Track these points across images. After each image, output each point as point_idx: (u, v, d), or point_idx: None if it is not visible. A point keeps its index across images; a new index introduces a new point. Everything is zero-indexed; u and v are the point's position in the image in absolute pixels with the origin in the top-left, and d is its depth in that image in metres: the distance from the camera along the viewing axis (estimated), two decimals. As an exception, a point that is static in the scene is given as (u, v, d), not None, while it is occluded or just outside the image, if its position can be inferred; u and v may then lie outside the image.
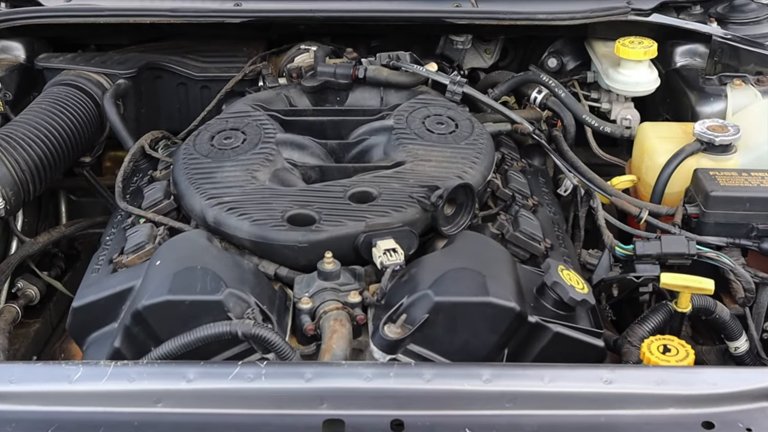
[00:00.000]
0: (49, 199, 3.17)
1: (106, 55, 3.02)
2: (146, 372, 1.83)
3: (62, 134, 2.65)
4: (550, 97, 2.88)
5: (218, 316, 1.97)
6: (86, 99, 2.81)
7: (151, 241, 2.25)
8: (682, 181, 2.51)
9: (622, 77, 2.90)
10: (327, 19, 2.91)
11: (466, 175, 2.31)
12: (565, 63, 3.26)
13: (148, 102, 3.02)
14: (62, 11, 2.87)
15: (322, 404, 1.78)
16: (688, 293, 2.17)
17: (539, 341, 2.05)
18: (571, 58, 3.27)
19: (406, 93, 2.70)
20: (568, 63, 3.27)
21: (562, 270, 2.11)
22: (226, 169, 2.33)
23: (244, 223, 2.16)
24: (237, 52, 3.08)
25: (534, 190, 2.59)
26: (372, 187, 2.25)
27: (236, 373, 1.82)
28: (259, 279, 2.10)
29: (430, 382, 1.80)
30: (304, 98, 2.72)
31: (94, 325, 2.16)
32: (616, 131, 2.85)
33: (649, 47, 2.84)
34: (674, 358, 2.03)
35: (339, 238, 2.13)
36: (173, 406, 1.79)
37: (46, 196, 3.15)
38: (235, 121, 2.51)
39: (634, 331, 2.21)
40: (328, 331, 2.00)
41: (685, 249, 2.26)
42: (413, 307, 1.99)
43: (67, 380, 1.81)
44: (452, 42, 3.12)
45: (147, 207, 2.40)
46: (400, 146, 2.42)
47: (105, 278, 2.22)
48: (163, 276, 2.04)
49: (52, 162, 2.60)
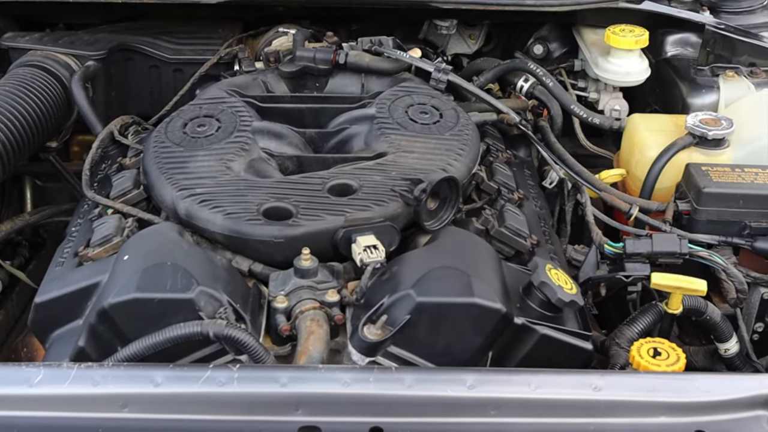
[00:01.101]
0: (13, 185, 3.05)
1: (75, 35, 2.89)
2: (112, 375, 1.73)
3: (27, 118, 2.52)
4: (537, 86, 2.79)
5: (189, 316, 1.87)
6: (53, 81, 2.68)
7: (118, 234, 2.14)
8: (673, 176, 2.43)
9: (611, 66, 2.80)
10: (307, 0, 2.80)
11: (451, 168, 2.21)
12: (551, 50, 3.17)
13: (119, 85, 2.90)
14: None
15: (297, 410, 1.70)
16: (679, 294, 2.09)
17: (525, 344, 1.97)
18: (557, 45, 3.18)
19: (389, 80, 2.59)
20: (555, 50, 3.17)
21: (550, 269, 2.02)
22: (199, 159, 2.21)
23: (217, 217, 2.05)
24: (212, 34, 2.96)
25: (519, 183, 2.50)
26: (352, 179, 2.15)
27: (207, 377, 1.72)
28: (233, 276, 2.00)
29: (411, 388, 1.72)
30: (281, 84, 2.61)
31: (58, 322, 2.05)
32: (605, 122, 2.76)
33: (640, 36, 2.75)
34: (665, 362, 1.95)
35: (317, 233, 2.03)
36: (140, 412, 1.70)
37: (9, 182, 3.02)
38: (209, 107, 2.39)
39: (622, 332, 2.13)
40: (305, 332, 1.90)
41: (677, 248, 2.17)
42: (394, 307, 1.89)
43: (28, 383, 1.71)
44: (436, 27, 3.01)
45: (115, 197, 2.28)
46: (382, 136, 2.32)
47: (70, 273, 2.11)
48: (131, 272, 1.93)
49: (15, 147, 2.47)
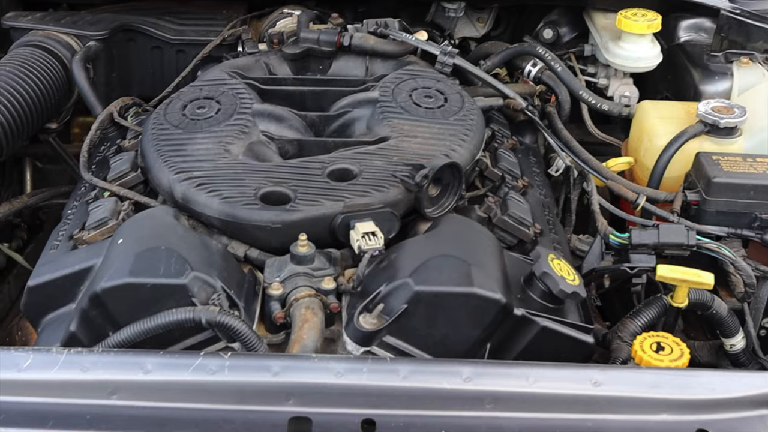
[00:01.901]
0: (13, 166, 3.02)
1: (78, 15, 2.85)
2: (101, 361, 1.70)
3: (26, 99, 2.49)
4: (545, 71, 2.73)
5: (182, 301, 1.83)
6: (53, 62, 2.64)
7: (114, 217, 2.11)
8: (683, 165, 2.37)
9: (622, 51, 2.74)
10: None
11: (454, 154, 2.16)
12: (561, 34, 3.10)
13: (121, 66, 2.86)
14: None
15: (288, 400, 1.65)
16: (685, 287, 2.03)
17: (525, 335, 1.92)
18: (567, 30, 3.11)
19: (394, 63, 2.53)
20: (565, 34, 3.11)
21: (553, 259, 1.97)
22: (197, 142, 2.17)
23: (214, 201, 2.01)
24: (216, 15, 2.92)
25: (524, 170, 2.45)
26: (353, 164, 2.10)
27: (198, 364, 1.68)
28: (228, 262, 1.96)
29: (405, 380, 1.67)
30: (284, 66, 2.56)
31: (51, 306, 2.02)
32: (614, 109, 2.70)
33: (652, 20, 2.68)
34: (668, 358, 1.90)
35: (315, 219, 1.98)
36: (129, 399, 1.66)
37: (10, 163, 2.99)
38: (209, 89, 2.35)
39: (625, 325, 2.07)
40: (299, 321, 1.86)
41: (685, 239, 2.12)
42: (391, 296, 1.85)
43: (16, 368, 1.68)
44: (444, 9, 2.96)
45: (112, 179, 2.25)
46: (385, 120, 2.27)
47: (64, 256, 2.08)
48: (125, 256, 1.89)
49: (14, 128, 2.44)
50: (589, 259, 2.27)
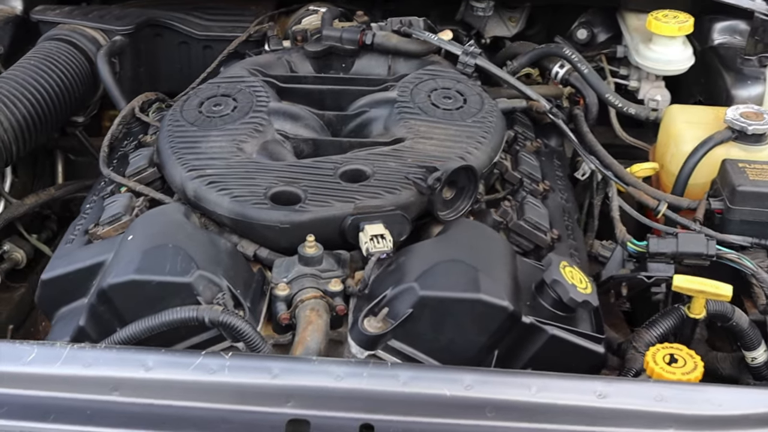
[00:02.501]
0: (45, 159, 3.05)
1: (105, 10, 2.87)
2: (103, 357, 1.71)
3: (50, 92, 2.51)
4: (572, 72, 2.68)
5: (187, 300, 1.84)
6: (79, 56, 2.66)
7: (128, 213, 2.12)
8: (709, 171, 2.31)
9: (653, 54, 2.68)
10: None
11: (470, 157, 2.13)
12: (595, 34, 3.06)
13: (148, 61, 2.88)
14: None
15: (287, 402, 1.64)
16: (702, 298, 1.98)
17: (533, 344, 1.89)
18: (602, 30, 3.07)
19: (416, 62, 2.51)
20: (599, 35, 3.06)
21: (565, 267, 1.93)
22: (211, 139, 2.17)
23: (224, 199, 2.01)
24: (244, 11, 2.92)
25: (547, 174, 2.41)
26: (366, 165, 2.09)
27: (198, 363, 1.68)
28: (236, 261, 1.95)
29: (405, 385, 1.65)
30: (306, 64, 2.55)
31: (63, 300, 2.04)
32: (641, 113, 2.65)
33: (684, 22, 2.62)
34: (680, 370, 1.85)
35: (324, 220, 1.97)
36: (130, 396, 1.66)
37: (42, 156, 3.03)
38: (227, 86, 2.35)
39: (640, 335, 2.03)
40: (303, 322, 1.85)
41: (704, 249, 2.07)
42: (397, 300, 1.83)
43: (20, 361, 1.69)
44: (472, 8, 2.92)
45: (130, 174, 2.26)
46: (402, 121, 2.24)
47: (77, 250, 2.09)
48: (133, 253, 1.90)
49: (37, 121, 2.47)
50: (610, 266, 2.23)
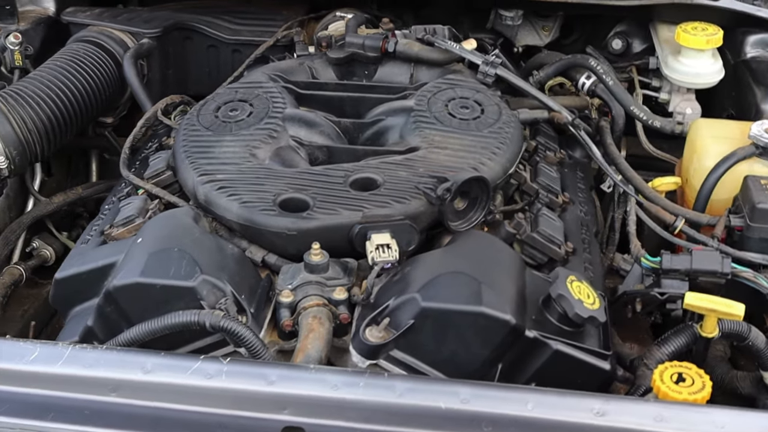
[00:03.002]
0: (80, 158, 3.10)
1: (135, 12, 2.90)
2: (104, 358, 1.72)
3: (75, 93, 2.55)
4: (599, 83, 2.64)
5: (190, 304, 1.85)
6: (106, 58, 2.70)
7: (141, 215, 2.13)
8: (732, 187, 2.26)
9: (681, 66, 2.64)
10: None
11: (483, 167, 2.11)
12: (631, 45, 3.02)
13: (177, 64, 2.90)
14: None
15: (284, 410, 1.64)
16: (714, 317, 1.94)
17: (537, 358, 1.87)
18: (638, 41, 3.03)
19: (438, 71, 2.49)
20: (635, 45, 3.02)
21: (572, 281, 1.90)
22: (225, 144, 2.18)
23: (233, 204, 2.02)
24: (275, 16, 2.93)
25: (568, 186, 2.38)
26: (377, 173, 2.08)
27: (196, 368, 1.69)
28: (242, 266, 1.96)
29: (401, 397, 1.64)
30: (329, 70, 2.54)
31: (77, 299, 2.07)
32: (666, 126, 2.60)
33: (713, 35, 2.57)
34: (687, 390, 1.81)
35: (331, 228, 1.96)
36: (128, 397, 1.68)
37: (76, 155, 3.08)
38: (245, 91, 2.35)
39: (651, 353, 2.00)
40: (305, 330, 1.85)
41: (719, 267, 2.03)
42: (399, 310, 1.83)
43: (22, 360, 1.71)
44: (501, 17, 2.90)
45: (149, 177, 2.27)
46: (417, 130, 2.23)
47: (91, 251, 2.12)
48: (139, 256, 1.93)
49: (62, 122, 2.51)
50: (628, 281, 2.20)
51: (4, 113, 2.38)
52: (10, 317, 2.63)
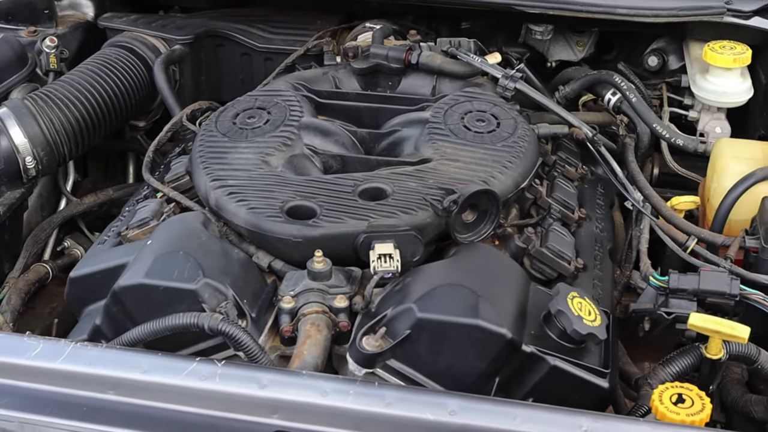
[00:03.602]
0: (117, 161, 3.17)
1: (169, 19, 2.96)
2: (103, 357, 1.76)
3: (105, 97, 2.62)
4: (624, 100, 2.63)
5: (192, 306, 1.89)
6: (137, 62, 2.76)
7: (156, 218, 2.18)
8: (751, 209, 2.23)
9: (708, 85, 2.60)
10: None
11: (493, 181, 2.11)
12: (667, 62, 2.98)
13: (209, 70, 2.95)
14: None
15: (274, 414, 1.67)
16: (718, 339, 1.92)
17: (535, 373, 1.87)
18: (674, 58, 2.98)
19: (460, 83, 2.49)
20: (671, 63, 2.98)
21: (573, 298, 1.90)
22: (239, 151, 2.21)
23: (242, 210, 2.04)
24: (309, 25, 2.96)
25: (587, 202, 2.37)
26: (386, 183, 2.09)
27: (191, 369, 1.72)
28: (247, 271, 1.99)
29: (390, 407, 1.65)
30: (353, 80, 2.56)
31: (90, 298, 2.12)
32: (689, 145, 2.57)
33: (740, 54, 2.54)
34: (685, 411, 1.79)
35: (336, 237, 1.98)
36: (125, 395, 1.72)
37: (114, 158, 3.15)
38: (264, 99, 2.39)
39: (656, 372, 1.99)
40: (302, 336, 1.87)
41: (727, 288, 2.00)
42: (396, 320, 1.84)
43: (25, 355, 1.76)
44: (531, 31, 2.89)
45: (169, 181, 2.32)
46: (430, 142, 2.24)
47: (106, 251, 2.17)
48: (146, 258, 1.97)
49: (90, 124, 2.58)
50: (642, 299, 2.18)
51: (33, 115, 2.45)
52: (39, 314, 2.69)
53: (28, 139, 2.43)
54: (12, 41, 2.71)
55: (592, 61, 3.11)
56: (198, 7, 3.13)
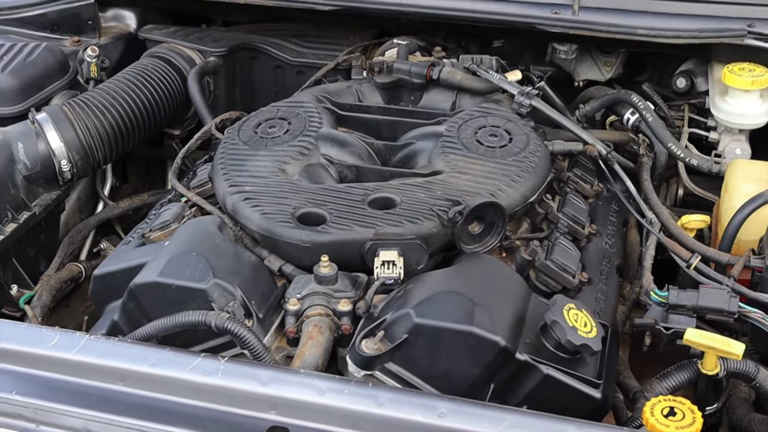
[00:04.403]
0: (157, 168, 3.29)
1: (205, 32, 3.08)
2: (114, 350, 1.86)
3: (140, 104, 2.74)
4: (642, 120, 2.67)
5: (202, 305, 1.99)
6: (173, 73, 2.89)
7: (177, 221, 2.28)
8: (761, 229, 2.25)
9: (727, 106, 2.63)
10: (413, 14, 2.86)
11: (500, 194, 2.17)
12: (695, 84, 3.00)
13: (243, 82, 3.06)
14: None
15: (272, 410, 1.75)
16: (713, 354, 1.95)
17: (528, 381, 1.92)
18: (702, 80, 3.01)
19: (479, 99, 2.56)
20: (699, 85, 3.01)
21: (570, 309, 1.94)
22: (258, 158, 2.31)
23: (255, 215, 2.14)
24: (341, 41, 3.05)
25: (598, 218, 2.41)
26: (396, 194, 2.16)
27: (195, 364, 1.82)
28: (257, 274, 2.08)
29: (382, 407, 1.73)
30: (376, 94, 2.64)
31: (112, 295, 2.22)
32: (704, 165, 2.60)
33: (759, 76, 2.56)
34: (676, 424, 1.81)
35: (344, 243, 2.06)
36: (133, 387, 1.82)
37: (154, 165, 3.27)
38: (285, 110, 2.48)
39: (652, 386, 2.03)
40: (305, 337, 1.95)
41: (725, 305, 2.02)
42: (394, 324, 1.91)
43: (43, 345, 1.87)
44: (556, 50, 2.95)
45: (194, 186, 2.43)
46: (443, 155, 2.31)
47: (129, 251, 2.28)
48: (162, 258, 2.07)
49: (125, 130, 2.70)
50: (649, 314, 2.21)
51: (70, 120, 2.58)
52: (73, 312, 2.82)
53: (64, 143, 2.56)
54: (55, 50, 2.85)
55: (623, 82, 3.14)
56: (239, 21, 3.24)
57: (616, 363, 2.16)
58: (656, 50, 2.91)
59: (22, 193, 2.53)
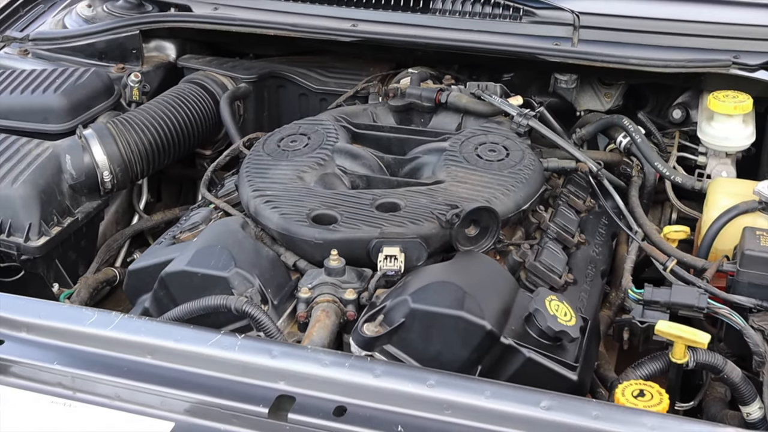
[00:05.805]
0: (189, 188, 3.55)
1: (238, 62, 3.35)
2: (145, 327, 2.08)
3: (176, 124, 3.00)
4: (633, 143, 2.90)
5: (224, 291, 2.22)
6: (207, 97, 3.15)
7: (205, 223, 2.53)
8: (736, 239, 2.45)
9: (712, 131, 2.85)
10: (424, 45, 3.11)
11: (495, 201, 2.40)
12: (690, 115, 3.21)
13: (271, 107, 3.32)
14: (198, 18, 3.25)
15: (281, 380, 1.95)
16: (682, 344, 2.15)
17: (512, 364, 2.12)
18: (697, 112, 3.22)
19: (483, 121, 2.80)
20: (693, 116, 3.21)
21: (551, 300, 2.16)
22: (279, 168, 2.56)
23: (274, 215, 2.38)
24: (362, 71, 3.30)
25: (587, 229, 2.63)
26: (401, 199, 2.40)
27: (215, 340, 2.03)
28: (274, 267, 2.32)
29: (378, 378, 1.93)
30: (389, 116, 2.90)
31: (144, 288, 2.44)
32: (687, 182, 2.81)
33: (741, 102, 2.78)
34: (643, 403, 2.01)
35: (352, 241, 2.30)
36: (160, 360, 2.02)
37: (186, 185, 3.53)
38: (306, 126, 2.75)
39: (626, 374, 2.22)
40: (313, 320, 2.18)
41: (695, 301, 2.23)
42: (393, 310, 2.13)
43: (81, 323, 2.09)
44: (557, 80, 3.19)
45: (221, 195, 2.68)
46: (445, 167, 2.55)
47: (161, 249, 2.51)
48: (190, 250, 2.31)
49: (161, 147, 2.96)
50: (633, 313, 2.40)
51: (113, 136, 2.85)
52: (107, 312, 3.06)
53: (107, 157, 2.82)
54: (102, 75, 3.13)
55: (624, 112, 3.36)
56: (269, 54, 3.52)
57: (596, 353, 2.36)
58: (651, 80, 3.13)
59: (67, 200, 2.78)
